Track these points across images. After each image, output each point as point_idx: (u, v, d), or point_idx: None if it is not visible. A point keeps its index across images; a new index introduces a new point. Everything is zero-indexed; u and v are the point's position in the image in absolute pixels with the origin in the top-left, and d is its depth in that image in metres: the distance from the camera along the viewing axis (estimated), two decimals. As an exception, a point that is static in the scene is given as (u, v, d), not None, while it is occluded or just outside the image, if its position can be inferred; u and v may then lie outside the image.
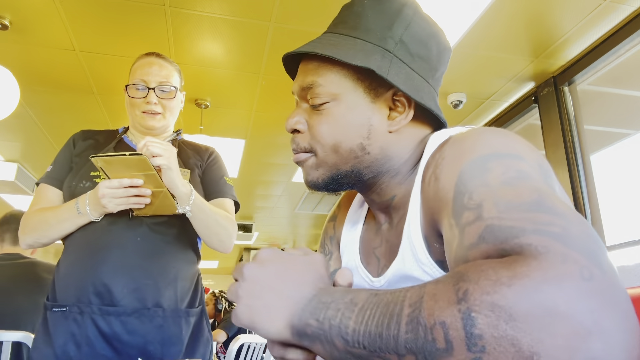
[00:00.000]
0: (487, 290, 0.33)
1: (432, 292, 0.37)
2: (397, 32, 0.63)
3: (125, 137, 1.35)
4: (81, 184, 1.21)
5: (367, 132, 0.64)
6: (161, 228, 1.21)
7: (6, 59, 2.59)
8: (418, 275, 0.59)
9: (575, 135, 2.70)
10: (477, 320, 0.32)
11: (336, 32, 0.66)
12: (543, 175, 0.48)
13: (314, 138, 0.65)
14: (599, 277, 0.33)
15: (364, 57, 0.61)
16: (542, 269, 0.33)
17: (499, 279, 0.34)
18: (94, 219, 1.16)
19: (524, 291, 0.32)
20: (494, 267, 0.35)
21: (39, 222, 1.18)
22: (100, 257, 1.14)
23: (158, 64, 1.28)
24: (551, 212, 0.39)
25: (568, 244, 0.35)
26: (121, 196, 1.08)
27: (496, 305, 0.32)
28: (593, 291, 0.32)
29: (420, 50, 0.64)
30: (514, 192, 0.43)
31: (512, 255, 0.37)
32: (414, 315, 0.36)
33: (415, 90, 0.62)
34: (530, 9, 2.23)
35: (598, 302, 0.31)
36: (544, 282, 0.32)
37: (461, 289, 0.35)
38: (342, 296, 0.44)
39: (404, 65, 0.63)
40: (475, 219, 0.43)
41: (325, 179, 0.66)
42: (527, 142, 0.53)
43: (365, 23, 0.65)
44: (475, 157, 0.49)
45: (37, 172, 4.43)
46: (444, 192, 0.51)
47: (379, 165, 0.65)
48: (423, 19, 0.66)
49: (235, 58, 2.67)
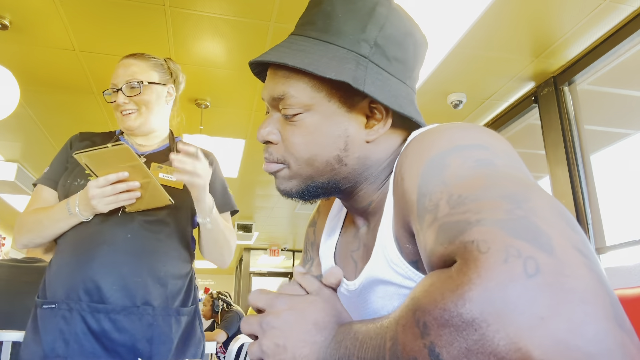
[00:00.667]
0: (442, 322, 0.33)
1: (402, 323, 0.37)
2: (371, 34, 0.59)
3: (122, 138, 1.36)
4: (75, 182, 1.21)
5: (344, 143, 0.60)
6: (153, 226, 1.20)
7: (6, 59, 2.59)
8: (389, 278, 0.58)
9: (575, 135, 2.70)
10: (442, 355, 0.33)
11: (305, 34, 0.61)
12: (508, 159, 0.45)
13: (288, 150, 0.62)
14: (545, 264, 0.31)
15: (337, 67, 0.56)
16: (481, 279, 0.32)
17: (446, 306, 0.33)
18: (84, 219, 1.16)
19: (472, 316, 0.31)
20: (439, 288, 0.35)
21: (33, 222, 1.19)
22: (90, 254, 1.14)
23: (127, 65, 1.28)
24: (498, 196, 0.38)
25: (511, 231, 0.34)
26: (110, 194, 1.09)
27: (454, 339, 0.32)
28: (540, 288, 0.30)
29: (397, 52, 0.60)
30: (467, 183, 0.42)
31: (456, 262, 0.36)
32: (394, 349, 0.37)
33: (393, 97, 0.58)
34: (531, 9, 2.23)
35: (547, 300, 0.30)
36: (487, 298, 0.31)
37: (420, 320, 0.35)
38: (349, 331, 0.45)
39: (380, 70, 0.59)
40: (433, 220, 0.43)
41: (299, 190, 0.63)
42: (493, 133, 0.51)
43: (336, 25, 0.59)
44: (435, 154, 0.48)
45: (37, 172, 4.43)
46: (409, 194, 0.50)
47: (356, 175, 0.63)
48: (398, 17, 0.61)
49: (235, 58, 2.67)
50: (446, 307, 0.33)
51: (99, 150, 1.03)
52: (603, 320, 0.29)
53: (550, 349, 0.28)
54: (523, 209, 0.36)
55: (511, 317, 0.30)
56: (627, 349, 0.28)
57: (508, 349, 0.29)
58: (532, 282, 0.31)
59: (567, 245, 0.33)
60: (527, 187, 0.39)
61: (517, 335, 0.29)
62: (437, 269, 0.40)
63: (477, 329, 0.31)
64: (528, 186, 0.39)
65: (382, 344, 0.39)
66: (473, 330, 0.31)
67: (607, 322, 0.29)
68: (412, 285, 0.54)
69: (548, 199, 0.38)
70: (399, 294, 0.58)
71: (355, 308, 0.67)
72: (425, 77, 2.81)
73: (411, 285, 0.55)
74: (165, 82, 1.34)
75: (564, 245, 0.33)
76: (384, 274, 0.58)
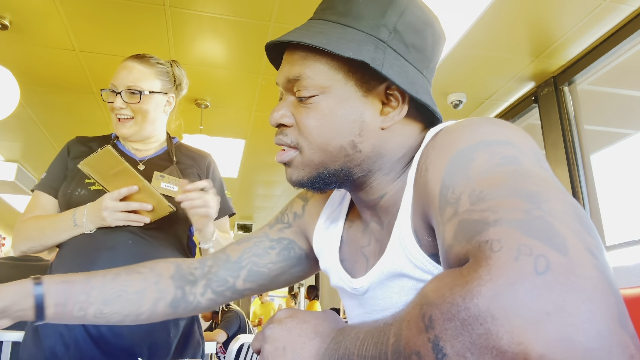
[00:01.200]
0: (448, 316, 0.33)
1: (407, 319, 0.38)
2: (391, 20, 0.59)
3: (118, 143, 1.34)
4: (76, 192, 1.20)
5: (359, 128, 0.59)
6: (152, 231, 1.20)
7: (6, 59, 2.59)
8: (407, 272, 0.57)
9: (575, 135, 2.70)
10: (445, 349, 0.33)
11: (324, 18, 0.61)
12: (534, 158, 0.45)
13: (302, 134, 0.61)
14: (556, 263, 0.31)
15: (356, 48, 0.56)
16: (491, 275, 0.33)
17: (455, 300, 0.33)
18: (87, 232, 1.16)
19: (479, 310, 0.32)
20: (449, 284, 0.35)
21: (35, 230, 1.19)
22: (91, 259, 1.13)
23: (130, 67, 1.25)
24: (519, 195, 0.38)
25: (527, 231, 0.34)
26: (122, 210, 1.11)
27: (459, 333, 0.32)
28: (549, 285, 0.30)
29: (416, 40, 0.60)
30: (490, 180, 0.42)
31: (469, 262, 0.36)
32: (397, 345, 0.37)
33: (410, 84, 0.58)
34: (530, 9, 2.23)
35: (555, 298, 0.30)
36: (496, 293, 0.31)
37: (426, 314, 0.35)
38: (350, 331, 0.46)
39: (398, 56, 0.59)
40: (453, 215, 0.43)
41: (311, 177, 0.62)
42: (521, 130, 0.51)
43: (357, 9, 0.59)
44: (463, 147, 0.48)
45: (37, 172, 4.43)
46: (431, 185, 0.50)
47: (370, 164, 0.62)
48: (418, 6, 0.61)
49: (235, 58, 2.67)
50: (454, 301, 0.33)
51: (90, 157, 1.04)
52: (607, 320, 0.29)
53: (552, 344, 0.29)
54: (542, 209, 0.36)
55: (517, 311, 0.30)
56: (627, 349, 0.29)
57: (510, 342, 0.30)
58: (541, 279, 0.31)
59: (581, 246, 0.33)
60: (549, 187, 0.39)
61: (521, 330, 0.30)
62: (452, 265, 0.40)
63: (482, 323, 0.31)
64: (550, 186, 0.40)
65: (384, 341, 0.39)
66: (478, 325, 0.31)
67: (611, 322, 0.29)
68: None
69: (568, 200, 0.38)
70: (417, 289, 0.57)
71: (360, 305, 0.67)
72: (425, 77, 2.81)
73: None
74: (167, 91, 1.32)
75: (578, 247, 0.33)
76: (402, 268, 0.58)
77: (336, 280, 0.71)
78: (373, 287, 0.63)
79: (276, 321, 0.52)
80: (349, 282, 0.67)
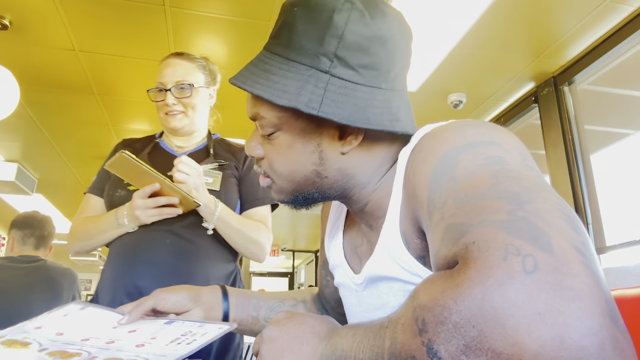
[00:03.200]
0: (440, 319, 0.34)
1: (401, 322, 0.38)
2: (330, 47, 0.55)
3: (160, 141, 1.39)
4: (117, 193, 1.25)
5: (319, 158, 0.60)
6: (189, 229, 1.22)
7: (6, 59, 2.59)
8: (394, 274, 0.58)
9: (575, 135, 2.70)
10: (439, 352, 0.33)
11: (272, 50, 0.60)
12: (520, 157, 0.46)
13: (270, 167, 0.64)
14: (544, 262, 0.32)
15: (295, 90, 0.55)
16: (480, 276, 0.33)
17: (446, 303, 0.34)
18: (130, 230, 1.19)
19: (471, 313, 0.32)
20: (440, 286, 0.36)
21: (83, 232, 1.25)
22: (133, 260, 1.17)
23: (174, 64, 1.29)
24: (502, 196, 0.39)
25: (512, 231, 0.35)
26: (151, 206, 1.13)
27: (452, 336, 0.33)
28: (538, 284, 0.31)
29: (363, 59, 0.56)
30: (475, 182, 0.42)
31: (458, 264, 0.37)
32: (393, 348, 0.38)
33: (359, 111, 0.56)
34: (531, 9, 2.23)
35: (544, 296, 0.30)
36: (486, 295, 0.32)
37: (419, 318, 0.36)
38: (347, 333, 0.46)
39: (345, 83, 0.56)
40: (440, 219, 0.43)
41: (289, 200, 0.66)
42: (505, 130, 0.51)
43: (297, 39, 0.57)
44: (448, 150, 0.48)
45: (37, 172, 4.43)
46: (419, 190, 0.50)
47: (342, 184, 0.63)
48: (360, 22, 0.56)
49: (235, 58, 2.67)
50: (445, 305, 0.34)
51: (110, 161, 1.08)
52: (597, 316, 0.30)
53: (546, 343, 0.29)
54: (525, 210, 0.36)
55: (509, 312, 0.30)
56: (618, 344, 0.29)
57: (505, 343, 0.30)
58: (530, 279, 0.31)
59: (566, 245, 0.33)
60: (532, 187, 0.40)
61: (514, 330, 0.30)
62: (441, 269, 0.40)
63: (475, 326, 0.31)
64: (533, 186, 0.40)
65: (381, 344, 0.40)
66: (471, 327, 0.32)
67: (601, 318, 0.30)
68: (418, 281, 0.55)
69: (552, 199, 0.38)
70: (405, 290, 0.58)
71: (359, 302, 0.68)
72: (425, 77, 2.81)
73: (417, 281, 0.55)
74: (208, 85, 1.37)
75: (563, 245, 0.33)
76: (388, 271, 0.59)
77: (341, 277, 0.73)
78: (367, 286, 0.65)
79: (274, 323, 0.53)
80: (352, 277, 0.69)
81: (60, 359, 0.57)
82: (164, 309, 0.75)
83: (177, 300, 0.76)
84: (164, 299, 0.75)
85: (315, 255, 8.99)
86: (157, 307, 0.75)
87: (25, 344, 0.62)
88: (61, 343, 0.63)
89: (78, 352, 0.59)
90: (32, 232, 2.09)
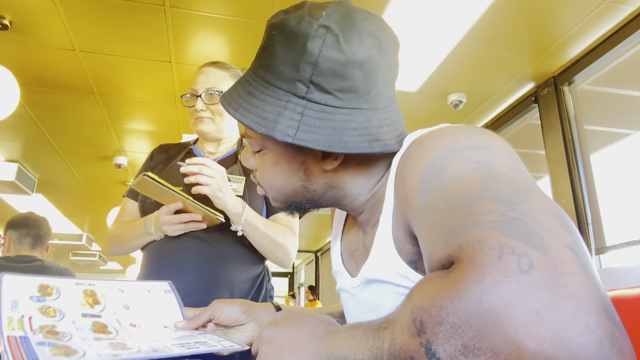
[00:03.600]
0: (438, 319, 0.34)
1: (399, 322, 0.38)
2: (305, 74, 0.56)
3: (194, 148, 1.42)
4: (148, 200, 1.28)
5: (304, 174, 0.63)
6: (213, 234, 1.24)
7: (6, 59, 2.59)
8: (386, 278, 0.59)
9: (575, 135, 2.70)
10: (438, 353, 0.33)
11: (256, 72, 0.61)
12: (507, 159, 0.46)
13: (261, 179, 0.67)
14: (539, 261, 0.32)
15: (272, 117, 0.56)
16: (477, 276, 0.33)
17: (443, 303, 0.34)
18: (157, 239, 1.24)
19: (468, 313, 0.32)
20: (436, 286, 0.36)
21: (118, 237, 1.31)
22: (160, 265, 1.21)
23: (207, 72, 1.33)
24: (492, 198, 0.39)
25: (505, 231, 0.35)
26: (176, 222, 1.17)
27: (450, 336, 0.33)
28: (534, 283, 0.31)
29: (339, 83, 0.56)
30: (464, 185, 0.42)
31: (453, 264, 0.37)
32: (392, 350, 0.38)
33: (336, 135, 0.56)
34: (531, 9, 2.23)
35: (541, 296, 0.30)
36: (483, 295, 0.32)
37: (417, 319, 0.36)
38: (346, 333, 0.46)
39: (322, 107, 0.56)
40: (432, 224, 0.43)
41: (285, 208, 0.68)
42: (492, 133, 0.51)
43: (276, 64, 0.58)
44: (436, 156, 0.48)
45: (37, 172, 4.43)
46: (410, 197, 0.50)
47: (332, 195, 0.65)
48: (334, 48, 0.55)
49: (235, 58, 2.67)
50: (443, 305, 0.34)
51: (134, 182, 1.13)
52: (594, 314, 0.30)
53: (544, 341, 0.29)
54: (516, 211, 0.37)
55: (506, 311, 0.31)
56: (617, 341, 0.30)
57: (504, 343, 0.30)
58: (526, 278, 0.31)
59: (559, 244, 0.33)
60: (522, 188, 0.40)
61: (512, 330, 0.30)
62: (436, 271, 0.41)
63: (472, 326, 0.32)
64: (523, 187, 0.40)
65: (380, 345, 0.40)
66: (469, 327, 0.32)
67: (598, 316, 0.30)
68: (410, 285, 0.56)
69: (542, 200, 0.38)
70: (397, 293, 0.59)
71: (356, 305, 0.69)
72: (426, 77, 2.81)
73: (409, 285, 0.56)
74: None
75: (556, 245, 0.33)
76: (381, 274, 0.60)
77: (340, 282, 0.74)
78: (363, 290, 0.66)
79: (273, 323, 0.53)
80: (350, 281, 0.69)
81: (99, 334, 0.63)
82: (219, 320, 0.78)
83: (231, 311, 0.79)
84: (219, 310, 0.78)
85: (315, 255, 9.00)
86: (214, 319, 0.78)
87: (97, 302, 0.69)
88: (116, 317, 0.69)
89: (113, 331, 0.65)
90: (28, 232, 2.08)
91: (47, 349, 0.53)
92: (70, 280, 0.70)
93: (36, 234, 2.11)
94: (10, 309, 0.60)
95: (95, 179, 4.76)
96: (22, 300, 0.62)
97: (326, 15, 0.56)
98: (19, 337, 0.55)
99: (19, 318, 0.59)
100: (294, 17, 0.57)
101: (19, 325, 0.57)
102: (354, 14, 0.58)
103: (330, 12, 0.57)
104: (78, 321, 0.64)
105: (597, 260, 2.51)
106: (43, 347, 0.54)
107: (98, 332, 0.63)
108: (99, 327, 0.65)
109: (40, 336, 0.57)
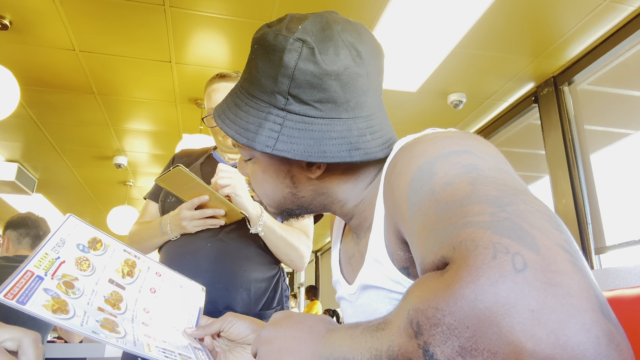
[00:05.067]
0: (434, 321, 0.34)
1: (397, 324, 0.38)
2: (283, 87, 0.58)
3: (214, 153, 1.44)
4: (168, 199, 1.31)
5: (291, 182, 0.65)
6: (230, 233, 1.25)
7: (6, 59, 2.59)
8: (380, 284, 0.59)
9: (575, 135, 2.70)
10: (436, 354, 0.33)
11: (241, 83, 0.64)
12: (494, 162, 0.46)
13: (254, 186, 0.69)
14: (532, 260, 0.32)
15: (254, 129, 0.59)
16: (472, 276, 0.33)
17: (439, 305, 0.34)
18: (173, 238, 1.26)
19: (464, 314, 0.32)
20: (432, 287, 0.36)
21: (137, 236, 1.34)
22: (177, 264, 1.21)
23: (220, 89, 1.34)
24: (482, 200, 0.39)
25: (498, 230, 0.35)
26: (198, 217, 1.19)
27: (447, 337, 0.33)
28: (528, 282, 0.31)
29: (317, 94, 0.58)
30: (453, 190, 0.42)
31: (447, 265, 0.37)
32: (390, 351, 0.38)
33: (316, 145, 0.58)
34: (531, 9, 2.23)
35: (536, 295, 0.30)
36: (478, 295, 0.32)
37: (413, 320, 0.36)
38: (344, 334, 0.47)
39: (301, 118, 0.58)
40: (422, 229, 0.43)
41: (278, 214, 0.70)
42: (478, 137, 0.51)
43: (257, 76, 0.60)
44: (423, 162, 0.49)
45: (37, 172, 4.43)
46: (399, 203, 0.51)
47: (320, 201, 0.67)
48: (310, 61, 0.57)
49: (235, 58, 2.67)
50: (438, 306, 0.34)
51: (165, 175, 1.14)
52: (589, 311, 0.30)
53: (542, 340, 0.29)
54: (506, 212, 0.37)
55: (502, 311, 0.31)
56: (613, 337, 0.30)
57: (501, 343, 0.30)
58: (521, 277, 0.31)
59: (551, 243, 0.34)
60: (511, 190, 0.40)
61: (509, 329, 0.30)
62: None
63: (469, 326, 0.32)
64: (512, 189, 0.40)
65: (378, 346, 0.40)
66: (465, 328, 0.32)
67: (593, 313, 0.30)
68: (403, 291, 0.56)
69: (531, 201, 0.39)
70: (391, 298, 0.59)
71: (354, 312, 0.69)
72: (426, 77, 2.81)
73: (402, 290, 0.56)
74: None
75: (548, 244, 0.33)
76: (375, 280, 0.60)
77: (339, 291, 0.75)
78: (359, 295, 0.66)
79: (272, 323, 0.53)
80: (347, 288, 0.70)
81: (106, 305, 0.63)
82: (227, 333, 0.77)
83: (241, 327, 0.77)
84: (230, 322, 0.77)
85: (315, 255, 9.00)
86: (223, 331, 0.77)
87: (131, 274, 0.70)
88: (137, 296, 0.69)
89: (123, 307, 0.65)
90: (27, 232, 2.09)
91: (49, 298, 0.54)
92: (121, 245, 0.71)
93: (35, 234, 2.11)
94: (53, 247, 0.61)
95: (95, 178, 4.76)
96: (69, 243, 0.63)
97: (302, 28, 0.58)
98: (35, 276, 0.55)
99: (53, 258, 0.59)
100: (273, 31, 0.59)
101: (47, 265, 0.58)
102: (333, 25, 0.59)
103: (308, 25, 0.58)
104: (100, 284, 0.64)
105: (597, 260, 2.51)
106: (46, 293, 0.54)
107: (108, 302, 0.63)
108: (114, 298, 0.65)
109: (53, 283, 0.57)
